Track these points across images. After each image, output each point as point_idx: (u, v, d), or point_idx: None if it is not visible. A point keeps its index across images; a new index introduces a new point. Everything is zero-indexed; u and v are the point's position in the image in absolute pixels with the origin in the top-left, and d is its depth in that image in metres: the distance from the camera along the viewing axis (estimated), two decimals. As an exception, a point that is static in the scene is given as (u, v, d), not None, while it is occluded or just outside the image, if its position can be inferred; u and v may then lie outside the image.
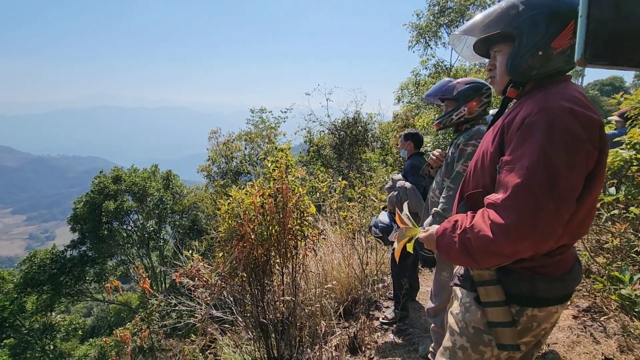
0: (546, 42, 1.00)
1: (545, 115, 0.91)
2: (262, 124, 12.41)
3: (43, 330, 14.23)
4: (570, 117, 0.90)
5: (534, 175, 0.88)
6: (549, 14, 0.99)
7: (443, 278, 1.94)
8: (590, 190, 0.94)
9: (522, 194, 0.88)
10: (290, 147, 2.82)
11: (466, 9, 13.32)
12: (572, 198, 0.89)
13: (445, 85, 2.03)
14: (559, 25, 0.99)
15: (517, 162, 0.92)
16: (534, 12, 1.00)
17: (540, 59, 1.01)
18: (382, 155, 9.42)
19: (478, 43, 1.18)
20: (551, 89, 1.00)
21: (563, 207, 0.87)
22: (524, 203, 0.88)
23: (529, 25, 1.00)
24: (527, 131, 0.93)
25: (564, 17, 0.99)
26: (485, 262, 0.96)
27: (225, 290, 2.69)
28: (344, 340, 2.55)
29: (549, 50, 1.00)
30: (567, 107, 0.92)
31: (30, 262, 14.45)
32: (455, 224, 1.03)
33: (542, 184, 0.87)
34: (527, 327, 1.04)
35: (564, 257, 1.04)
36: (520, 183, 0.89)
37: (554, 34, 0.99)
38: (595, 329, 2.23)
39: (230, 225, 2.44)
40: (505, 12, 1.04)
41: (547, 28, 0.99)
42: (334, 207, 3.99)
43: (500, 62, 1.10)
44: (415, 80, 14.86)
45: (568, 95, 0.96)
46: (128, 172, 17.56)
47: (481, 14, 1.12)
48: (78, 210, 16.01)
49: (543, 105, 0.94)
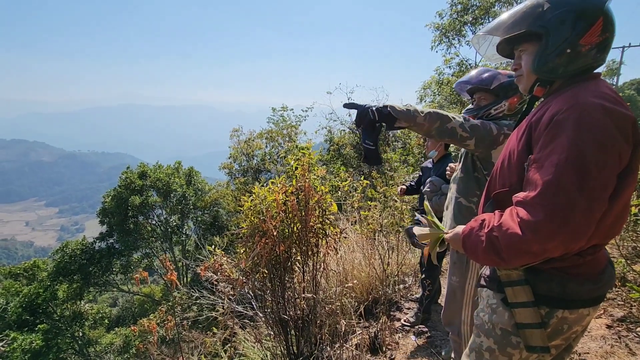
0: (574, 39, 0.97)
1: (575, 111, 0.89)
2: (283, 123, 12.51)
3: (73, 318, 14.91)
4: (601, 113, 0.88)
5: (564, 172, 0.85)
6: (576, 12, 0.97)
7: (453, 283, 1.88)
8: (624, 188, 0.91)
9: (552, 191, 0.86)
10: (311, 146, 2.83)
11: (492, 6, 12.92)
12: (604, 196, 0.86)
13: (483, 74, 1.85)
14: (587, 22, 0.97)
15: (546, 160, 0.90)
16: (561, 10, 0.98)
17: (568, 57, 0.99)
18: (404, 155, 9.29)
19: (502, 43, 1.16)
20: (580, 86, 0.98)
21: (594, 205, 0.85)
22: (554, 200, 0.85)
23: (556, 23, 0.98)
24: (556, 128, 0.91)
25: (592, 14, 0.96)
26: (514, 261, 0.94)
27: (246, 285, 2.74)
28: (364, 340, 2.53)
29: (577, 47, 0.98)
30: (597, 103, 0.89)
31: (63, 253, 15.18)
32: (483, 222, 1.01)
33: (573, 181, 0.85)
34: (558, 329, 1.01)
35: (595, 257, 1.01)
36: (550, 180, 0.86)
37: (582, 32, 0.97)
38: (631, 339, 2.12)
39: (252, 221, 2.47)
40: (531, 11, 1.03)
41: (574, 25, 0.97)
42: (355, 206, 3.97)
43: (526, 61, 1.08)
44: (439, 79, 14.56)
45: (597, 92, 0.93)
46: (153, 168, 18.13)
47: (506, 14, 1.10)
48: (106, 204, 16.68)
49: (572, 102, 0.91)
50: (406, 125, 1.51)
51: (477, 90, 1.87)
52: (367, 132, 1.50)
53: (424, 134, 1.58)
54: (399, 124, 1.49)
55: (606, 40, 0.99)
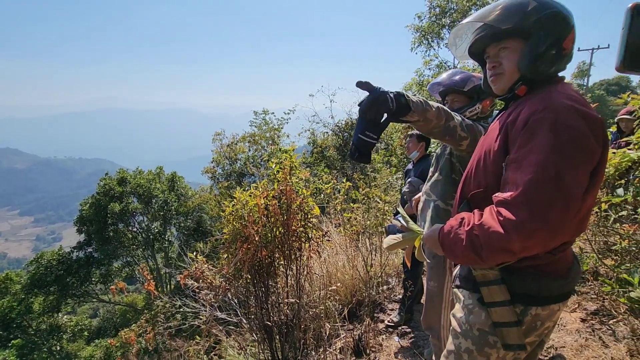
0: (559, 41, 1.01)
1: (551, 113, 0.92)
2: (266, 126, 12.45)
3: (50, 331, 14.36)
4: (575, 115, 0.91)
5: (543, 171, 0.88)
6: (562, 15, 1.01)
7: (431, 288, 1.89)
8: (593, 186, 0.94)
9: (532, 190, 0.88)
10: (294, 149, 2.82)
11: (469, 9, 13.27)
12: (579, 194, 0.89)
13: (456, 75, 1.83)
14: (568, 27, 1.02)
15: (525, 160, 0.92)
16: (549, 11, 1.01)
17: (552, 58, 1.02)
18: (386, 156, 9.39)
19: (479, 40, 1.13)
20: (551, 88, 1.01)
21: (571, 204, 0.88)
22: (535, 199, 0.87)
23: (548, 23, 1.01)
24: (533, 129, 0.93)
25: (570, 21, 1.02)
26: (492, 260, 0.95)
27: (229, 292, 2.70)
28: (348, 343, 2.54)
29: (561, 50, 1.02)
30: (570, 105, 0.93)
31: (37, 264, 14.61)
32: (462, 221, 1.01)
33: (551, 180, 0.87)
34: (532, 326, 1.04)
35: (565, 254, 1.04)
36: (530, 179, 0.88)
37: (564, 35, 1.01)
38: (604, 332, 2.19)
39: (234, 227, 2.44)
40: (517, 7, 1.03)
41: (560, 28, 1.01)
42: (338, 208, 3.98)
43: (510, 58, 1.07)
44: (419, 81, 14.82)
45: (568, 94, 0.97)
46: (133, 174, 17.70)
47: (486, 9, 1.09)
48: (84, 212, 16.16)
49: (547, 104, 0.94)
50: (415, 120, 1.30)
51: (451, 92, 1.86)
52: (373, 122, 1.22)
53: (427, 131, 1.40)
54: (409, 117, 1.28)
55: (572, 50, 1.06)
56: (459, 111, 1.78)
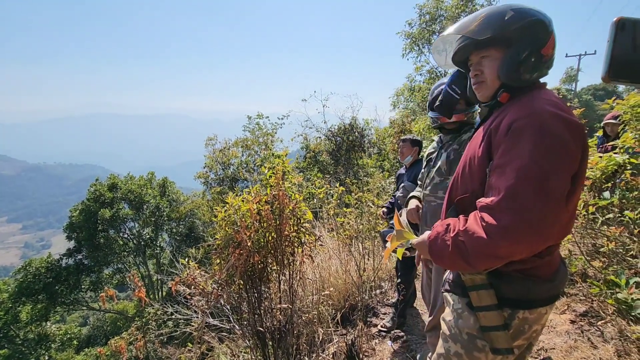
0: (538, 49, 1.04)
1: (533, 119, 0.94)
2: (259, 131, 12.43)
3: (38, 341, 14.01)
4: (557, 121, 0.94)
5: (525, 177, 0.90)
6: (540, 23, 1.04)
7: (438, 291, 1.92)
8: (576, 190, 0.97)
9: (514, 195, 0.90)
10: (287, 154, 2.82)
11: (458, 17, 13.50)
12: (561, 198, 0.91)
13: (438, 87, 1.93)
14: (546, 34, 1.04)
15: (508, 165, 0.94)
16: (526, 20, 1.03)
17: (532, 65, 1.05)
18: (379, 161, 9.44)
19: (462, 49, 1.17)
20: (533, 95, 1.03)
21: (554, 208, 0.89)
22: (518, 204, 0.89)
23: (525, 31, 1.03)
24: (516, 135, 0.95)
25: (548, 28, 1.04)
26: (479, 265, 0.96)
27: (222, 298, 2.68)
28: (341, 348, 2.53)
29: (540, 57, 1.04)
30: (553, 112, 0.95)
31: (25, 271, 14.28)
32: (448, 227, 1.02)
33: (534, 185, 0.89)
34: (520, 330, 1.05)
35: (551, 257, 1.06)
36: (513, 185, 0.90)
37: (543, 43, 1.04)
38: (593, 333, 2.22)
39: (226, 232, 2.43)
40: (496, 17, 1.05)
41: (539, 35, 1.03)
42: (330, 213, 3.98)
43: (491, 67, 1.10)
44: (411, 86, 14.98)
45: (550, 100, 0.99)
46: (124, 180, 17.49)
47: (467, 19, 1.12)
48: (74, 219, 15.89)
49: (530, 110, 0.96)
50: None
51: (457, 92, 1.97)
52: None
53: None
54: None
55: (553, 55, 1.08)
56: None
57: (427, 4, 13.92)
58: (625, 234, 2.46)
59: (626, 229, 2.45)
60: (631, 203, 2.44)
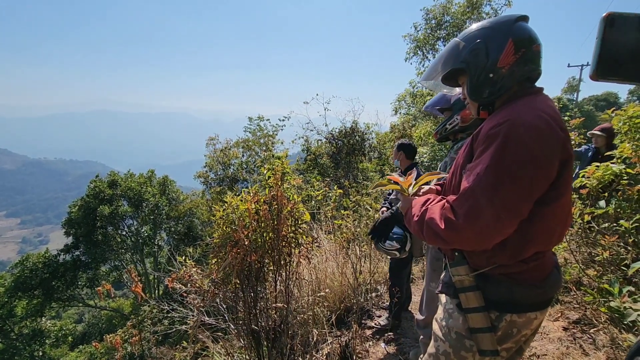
0: (492, 65, 1.09)
1: (505, 127, 0.97)
2: (260, 132, 12.47)
3: (32, 336, 13.99)
4: (528, 131, 0.95)
5: (480, 181, 0.95)
6: (485, 42, 1.09)
7: (432, 289, 1.94)
8: (557, 197, 0.99)
9: (466, 197, 0.97)
10: (287, 155, 2.85)
11: (463, 23, 13.57)
12: (517, 207, 0.95)
13: (443, 96, 2.04)
14: (498, 48, 1.08)
15: (474, 169, 0.99)
16: (472, 45, 1.11)
17: (492, 81, 1.10)
18: (379, 165, 9.47)
19: (444, 80, 1.31)
20: (520, 102, 1.05)
21: (503, 214, 0.93)
22: (467, 206, 0.96)
23: (472, 56, 1.12)
24: (487, 141, 0.99)
25: (500, 40, 1.08)
26: (429, 241, 1.11)
27: (217, 297, 2.69)
28: (335, 349, 2.54)
29: (498, 71, 1.09)
30: (528, 121, 0.96)
31: (22, 266, 14.28)
32: (426, 202, 1.14)
33: (486, 190, 0.94)
34: (507, 333, 1.06)
35: (539, 263, 1.07)
36: (468, 187, 0.98)
37: (496, 57, 1.08)
38: (585, 341, 2.24)
39: (224, 231, 2.45)
40: (451, 51, 1.19)
41: (487, 54, 1.09)
42: (328, 215, 4.00)
43: (464, 91, 1.21)
44: (413, 92, 15.02)
45: (535, 109, 1.00)
46: (124, 177, 17.51)
47: (434, 60, 1.28)
48: (72, 215, 15.91)
49: (506, 118, 0.99)
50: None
51: (444, 110, 2.05)
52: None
53: None
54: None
55: (525, 54, 1.07)
56: (441, 125, 1.94)
57: (434, 8, 13.99)
58: (620, 243, 2.48)
59: (621, 238, 2.48)
60: (627, 213, 2.46)
